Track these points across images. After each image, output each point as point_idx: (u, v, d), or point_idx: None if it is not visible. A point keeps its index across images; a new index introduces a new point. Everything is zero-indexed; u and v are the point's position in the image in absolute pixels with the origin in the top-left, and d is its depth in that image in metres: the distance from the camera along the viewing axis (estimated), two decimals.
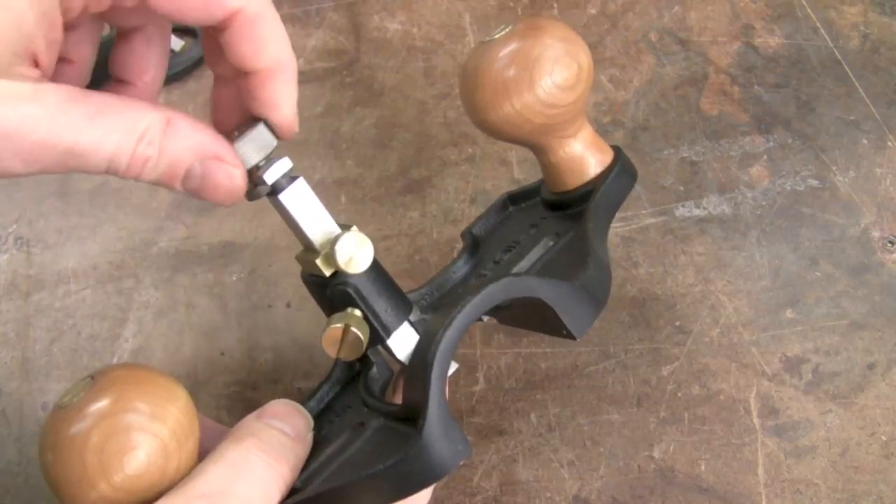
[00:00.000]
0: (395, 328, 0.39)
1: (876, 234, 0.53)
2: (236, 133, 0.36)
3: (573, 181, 0.44)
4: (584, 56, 0.41)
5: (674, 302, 0.50)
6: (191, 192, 0.34)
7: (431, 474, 0.34)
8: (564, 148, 0.43)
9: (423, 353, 0.34)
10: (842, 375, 0.47)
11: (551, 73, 0.40)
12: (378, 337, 0.39)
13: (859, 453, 0.45)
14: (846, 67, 0.62)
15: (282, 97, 0.35)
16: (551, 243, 0.43)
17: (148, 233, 0.56)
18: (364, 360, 0.41)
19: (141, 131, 0.32)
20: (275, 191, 0.37)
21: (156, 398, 0.34)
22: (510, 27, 0.41)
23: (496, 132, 0.42)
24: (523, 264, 0.43)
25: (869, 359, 0.48)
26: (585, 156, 0.43)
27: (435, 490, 0.44)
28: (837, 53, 0.63)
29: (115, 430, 0.32)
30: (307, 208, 0.38)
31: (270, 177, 0.37)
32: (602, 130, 0.59)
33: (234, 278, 0.54)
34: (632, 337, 0.49)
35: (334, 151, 0.59)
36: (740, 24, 0.65)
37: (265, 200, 0.38)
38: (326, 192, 0.57)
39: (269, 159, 0.37)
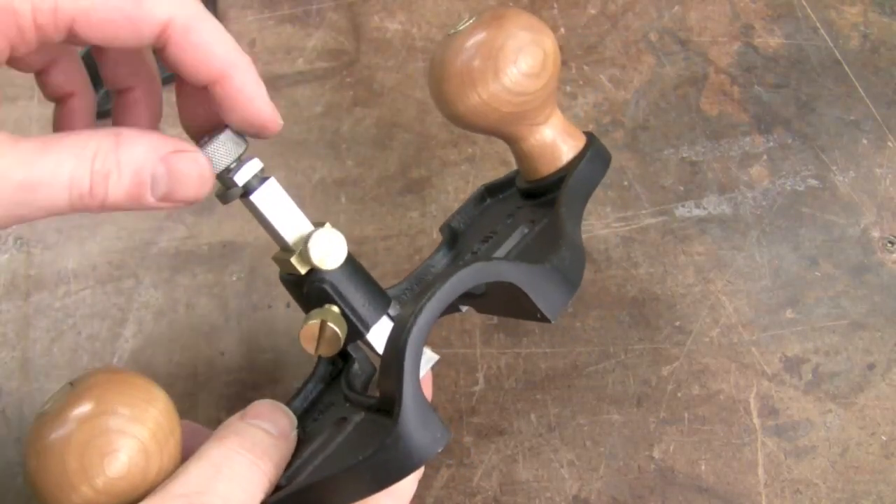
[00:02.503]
0: (374, 322, 0.39)
1: (876, 234, 0.53)
2: (205, 138, 0.36)
3: (546, 168, 0.44)
4: (548, 43, 0.41)
5: (674, 302, 0.50)
6: (166, 199, 0.34)
7: (410, 463, 0.34)
8: (535, 135, 0.43)
9: (394, 343, 0.34)
10: (842, 375, 0.47)
11: (516, 62, 0.40)
12: (357, 332, 0.39)
13: (859, 453, 0.45)
14: (846, 67, 0.62)
15: (247, 96, 0.35)
16: (526, 231, 0.43)
17: (148, 233, 0.56)
18: (345, 357, 0.41)
19: (93, 150, 0.32)
20: (246, 192, 0.37)
21: (135, 400, 0.34)
22: (473, 19, 0.41)
23: (466, 123, 0.42)
24: (499, 253, 0.42)
25: (869, 359, 0.48)
26: (557, 142, 0.43)
27: (435, 490, 0.44)
28: (837, 53, 0.63)
29: (95, 433, 0.32)
30: (279, 208, 0.38)
31: (241, 178, 0.37)
32: (602, 130, 0.59)
33: (234, 278, 0.54)
34: (632, 337, 0.49)
35: (334, 151, 0.59)
36: (740, 24, 0.65)
37: None
38: (326, 192, 0.57)
39: (240, 161, 0.37)
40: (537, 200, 0.45)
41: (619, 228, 0.54)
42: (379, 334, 0.39)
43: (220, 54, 0.34)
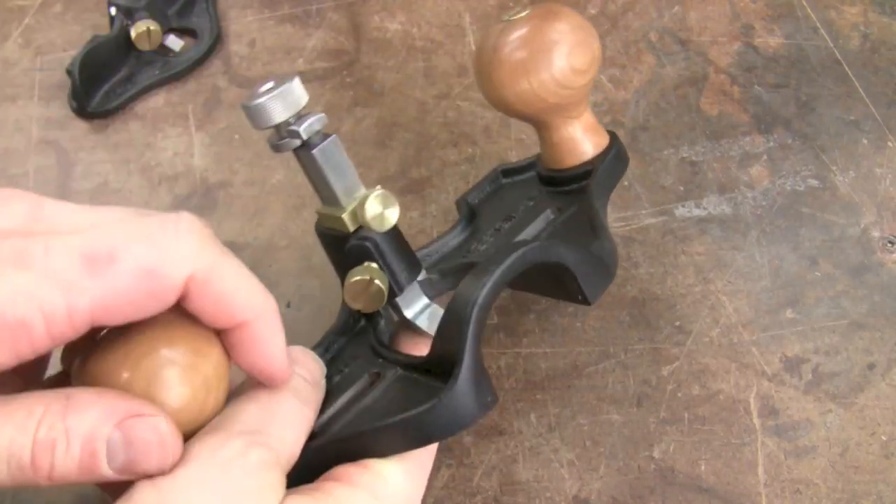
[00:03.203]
0: (407, 285, 0.41)
1: (876, 234, 0.53)
2: (271, 83, 0.37)
3: (571, 160, 0.47)
4: (596, 45, 0.44)
5: (674, 302, 0.50)
6: (127, 471, 0.30)
7: (461, 422, 0.35)
8: (568, 128, 0.46)
9: (461, 307, 0.35)
10: (842, 375, 0.47)
11: (568, 56, 0.43)
12: (392, 292, 0.40)
13: (859, 453, 0.45)
14: (846, 67, 0.62)
15: (260, 348, 0.34)
16: (552, 216, 0.46)
17: None
18: (371, 315, 0.42)
19: (38, 417, 0.29)
20: (308, 146, 0.38)
21: (199, 337, 0.33)
22: (527, 11, 0.44)
23: (509, 108, 0.45)
24: (527, 233, 0.45)
25: (869, 359, 0.48)
26: (585, 137, 0.46)
27: (435, 490, 0.44)
28: (837, 53, 0.63)
29: (162, 363, 0.32)
30: (338, 165, 0.39)
31: (306, 132, 0.38)
32: None
33: None
34: (632, 337, 0.49)
35: None
36: (740, 24, 0.65)
37: (265, 201, 0.38)
38: None
39: (303, 114, 0.38)
40: (557, 189, 0.48)
41: (619, 228, 0.54)
42: (409, 298, 0.41)
43: (239, 304, 0.32)
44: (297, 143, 0.38)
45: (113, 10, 0.63)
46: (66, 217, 0.32)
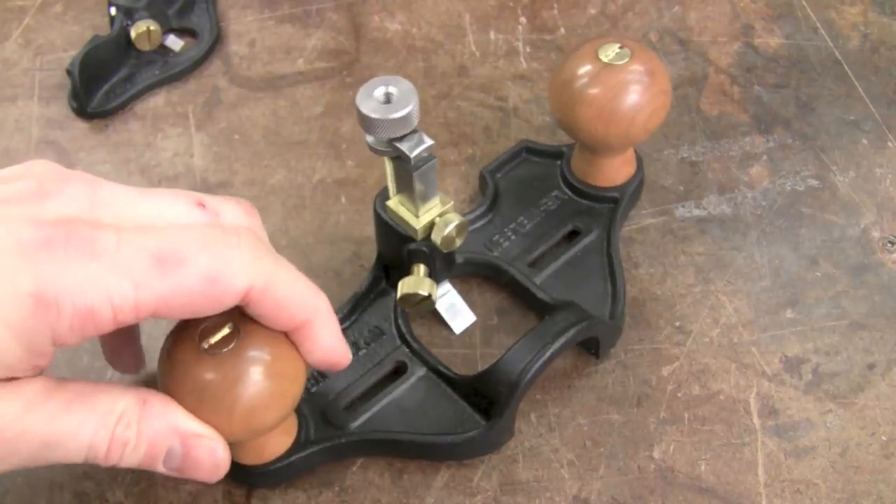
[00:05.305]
0: (441, 281, 0.47)
1: (876, 234, 0.53)
2: (394, 90, 0.39)
3: (602, 182, 0.51)
4: (669, 107, 0.48)
5: (674, 302, 0.50)
6: (174, 473, 0.35)
7: (480, 452, 0.44)
8: (611, 159, 0.50)
9: (516, 370, 0.42)
10: (842, 375, 0.47)
11: (647, 120, 0.46)
12: None
13: (859, 453, 0.45)
14: (846, 67, 0.62)
15: (319, 342, 0.37)
16: (572, 233, 0.51)
17: None
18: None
19: (118, 414, 0.33)
20: (412, 166, 0.40)
21: (297, 358, 0.37)
22: (628, 58, 0.46)
23: (572, 133, 0.48)
24: (545, 248, 0.50)
25: (869, 359, 0.48)
26: (620, 168, 0.51)
27: (435, 490, 0.44)
28: (837, 53, 0.63)
29: (268, 392, 0.36)
30: (429, 183, 0.42)
31: (416, 158, 0.40)
32: None
33: None
34: (632, 337, 0.49)
35: (334, 151, 0.59)
36: (740, 24, 0.65)
37: (265, 201, 0.38)
38: (326, 192, 0.57)
39: (413, 132, 0.40)
40: (578, 198, 0.52)
41: None
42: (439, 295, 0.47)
43: (296, 307, 0.35)
44: (393, 153, 0.41)
45: (113, 10, 0.63)
46: (126, 203, 0.34)
